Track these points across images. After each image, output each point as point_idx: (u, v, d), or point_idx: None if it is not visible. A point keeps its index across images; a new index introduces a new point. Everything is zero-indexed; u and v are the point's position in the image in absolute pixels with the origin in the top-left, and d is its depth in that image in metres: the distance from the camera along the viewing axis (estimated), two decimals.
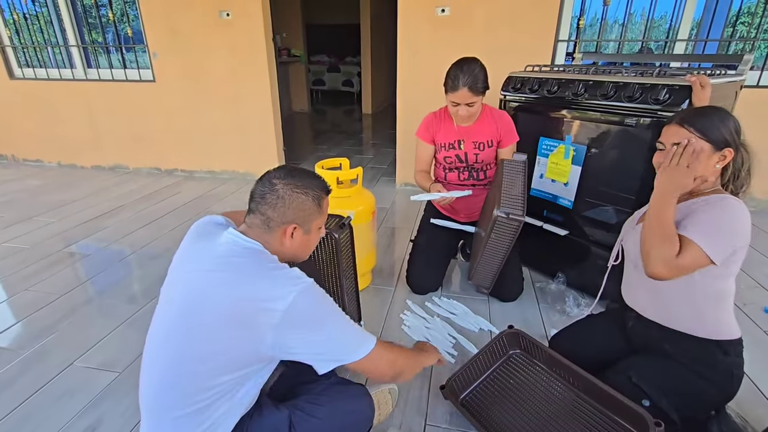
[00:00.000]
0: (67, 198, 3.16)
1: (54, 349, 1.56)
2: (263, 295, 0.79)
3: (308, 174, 0.93)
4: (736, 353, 1.05)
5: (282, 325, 0.79)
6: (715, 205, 0.97)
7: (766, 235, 2.41)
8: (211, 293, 0.82)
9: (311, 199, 0.90)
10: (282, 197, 0.87)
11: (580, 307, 1.73)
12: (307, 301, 0.82)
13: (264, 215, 0.88)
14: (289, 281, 0.82)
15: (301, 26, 6.80)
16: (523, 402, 1.21)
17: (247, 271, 0.83)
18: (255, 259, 0.85)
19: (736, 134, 0.99)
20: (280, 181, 0.88)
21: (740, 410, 1.18)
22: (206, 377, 0.81)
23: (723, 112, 0.99)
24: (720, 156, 0.99)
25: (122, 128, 3.72)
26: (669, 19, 2.92)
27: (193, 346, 0.82)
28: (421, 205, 2.08)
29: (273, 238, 0.90)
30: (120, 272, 2.12)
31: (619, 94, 1.54)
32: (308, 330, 0.82)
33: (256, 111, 3.39)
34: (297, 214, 0.89)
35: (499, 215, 1.37)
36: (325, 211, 0.96)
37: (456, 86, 1.56)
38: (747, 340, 1.59)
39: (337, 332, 0.86)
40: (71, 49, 3.68)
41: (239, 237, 0.88)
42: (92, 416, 1.26)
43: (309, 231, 0.94)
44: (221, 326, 0.80)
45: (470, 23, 2.80)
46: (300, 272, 0.85)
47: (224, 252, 0.86)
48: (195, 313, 0.82)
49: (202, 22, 3.20)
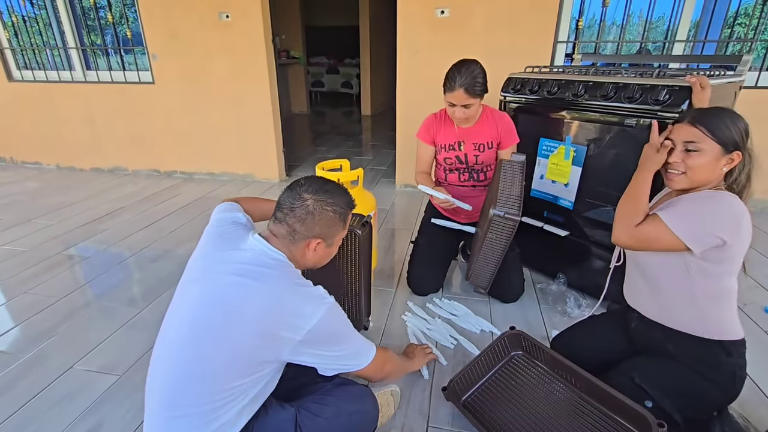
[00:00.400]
0: (66, 200, 3.15)
1: (53, 353, 1.55)
2: (291, 311, 0.83)
3: (337, 189, 0.95)
4: (739, 354, 1.05)
5: (304, 342, 0.83)
6: (702, 195, 0.99)
7: (765, 235, 2.41)
8: (238, 300, 0.83)
9: (338, 216, 0.93)
10: (312, 213, 0.90)
11: (581, 308, 1.73)
12: (331, 322, 0.86)
13: (291, 227, 0.90)
14: (316, 300, 0.85)
15: (300, 28, 6.81)
16: (525, 403, 1.21)
17: (276, 284, 0.85)
18: (283, 272, 0.88)
19: (745, 136, 0.98)
20: (311, 197, 0.90)
21: (742, 411, 1.18)
22: (224, 380, 0.82)
23: (733, 114, 0.99)
24: (728, 159, 0.98)
25: (121, 130, 3.72)
26: (667, 20, 2.93)
27: (213, 349, 0.82)
28: (422, 206, 2.08)
29: (296, 249, 0.92)
30: (120, 275, 2.11)
31: (618, 94, 1.55)
32: (326, 347, 0.87)
33: (255, 113, 3.39)
34: (323, 230, 0.92)
35: (496, 214, 1.38)
36: (347, 225, 1.00)
37: (452, 87, 1.56)
38: (748, 340, 1.59)
39: (349, 347, 0.92)
40: (70, 51, 3.68)
41: (266, 246, 0.90)
42: (92, 420, 1.26)
43: (332, 244, 0.97)
44: (245, 334, 0.82)
45: (470, 24, 2.80)
46: (323, 291, 0.89)
47: (251, 259, 0.87)
48: (218, 316, 0.83)
49: (201, 24, 3.20)
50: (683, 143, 1.00)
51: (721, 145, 0.97)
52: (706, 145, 0.97)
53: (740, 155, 0.98)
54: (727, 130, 0.96)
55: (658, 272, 1.07)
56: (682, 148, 1.01)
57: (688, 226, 0.94)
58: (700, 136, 0.98)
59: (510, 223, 1.39)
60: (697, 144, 0.98)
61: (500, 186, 1.44)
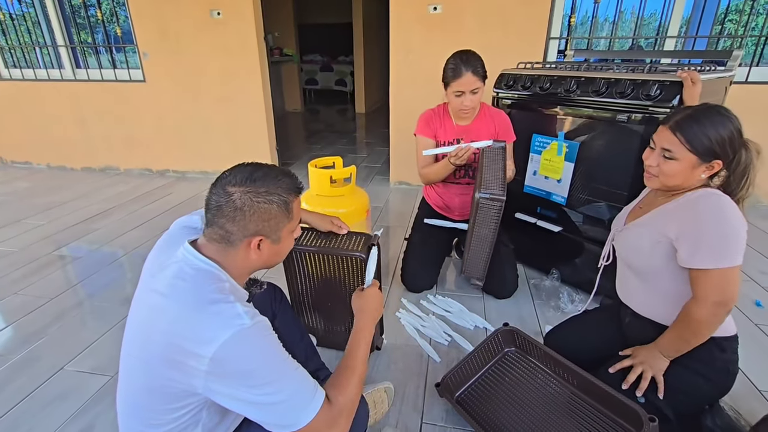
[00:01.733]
0: (56, 200, 3.12)
1: (44, 354, 1.53)
2: (193, 335, 0.67)
3: (271, 174, 0.79)
4: (732, 350, 1.05)
5: (211, 374, 0.67)
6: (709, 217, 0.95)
7: (756, 229, 2.44)
8: (151, 323, 0.73)
9: (277, 206, 0.77)
10: (240, 209, 0.74)
11: (574, 303, 1.74)
12: (241, 350, 0.67)
13: (222, 229, 0.76)
14: (223, 321, 0.68)
15: (293, 25, 6.78)
16: (519, 399, 1.21)
17: (182, 300, 0.71)
18: (197, 286, 0.73)
19: (729, 143, 0.95)
20: (237, 189, 0.75)
21: (733, 403, 1.19)
22: (155, 412, 0.75)
23: (719, 117, 0.95)
24: (707, 167, 0.97)
25: (112, 129, 3.68)
26: (659, 16, 2.94)
27: (135, 377, 0.77)
28: (416, 203, 2.08)
29: (236, 253, 0.78)
30: (112, 274, 2.09)
31: (610, 90, 1.55)
32: (240, 385, 0.68)
33: (248, 111, 3.37)
34: (261, 225, 0.77)
35: (481, 197, 1.36)
36: (296, 214, 0.84)
37: (459, 72, 1.55)
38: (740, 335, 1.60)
39: (275, 390, 0.69)
40: (59, 50, 3.63)
41: (193, 255, 0.76)
42: (83, 421, 1.24)
43: (278, 240, 0.82)
44: (154, 362, 0.71)
45: (462, 21, 2.80)
46: (244, 310, 0.70)
47: (175, 272, 0.74)
48: (137, 341, 0.76)
49: (192, 22, 3.17)
50: (661, 148, 1.01)
51: (698, 155, 0.96)
52: (681, 154, 0.97)
53: (720, 164, 0.97)
54: (706, 139, 0.94)
55: (649, 271, 1.07)
56: (660, 152, 1.01)
57: (727, 255, 0.93)
58: (677, 144, 0.97)
59: (496, 204, 1.36)
60: (672, 153, 0.98)
61: (483, 171, 1.44)
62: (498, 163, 1.48)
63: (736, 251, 0.92)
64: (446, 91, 1.65)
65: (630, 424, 1.02)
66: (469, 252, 1.54)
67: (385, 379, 1.31)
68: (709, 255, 0.93)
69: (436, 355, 1.48)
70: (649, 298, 1.11)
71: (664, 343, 1.04)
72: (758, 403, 1.27)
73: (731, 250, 0.92)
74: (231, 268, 0.79)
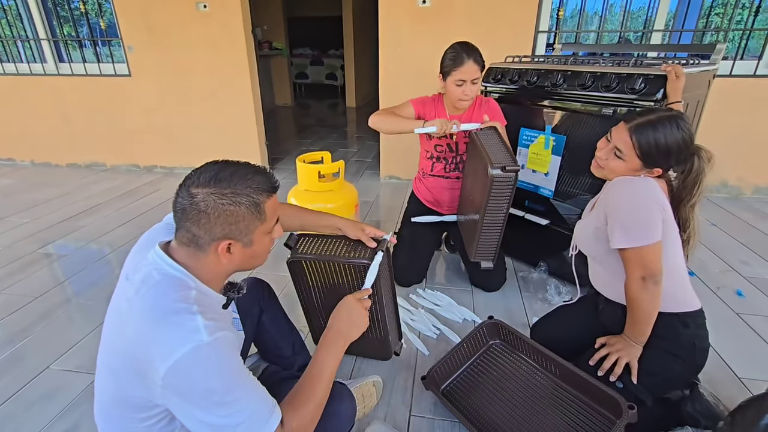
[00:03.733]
0: (41, 197, 3.06)
1: (29, 353, 1.51)
2: (149, 347, 0.65)
3: (239, 173, 0.73)
4: (696, 325, 1.08)
5: (167, 388, 0.65)
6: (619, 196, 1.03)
7: (738, 220, 2.48)
8: (117, 330, 0.72)
9: (244, 208, 0.72)
10: (204, 211, 0.70)
11: (561, 295, 1.76)
12: (194, 366, 0.64)
13: (189, 232, 0.72)
14: (180, 336, 0.65)
15: (282, 19, 6.69)
16: (503, 390, 1.23)
17: (144, 310, 0.68)
18: (160, 293, 0.69)
19: (675, 155, 1.01)
20: (200, 190, 0.70)
21: (713, 390, 1.22)
22: (127, 421, 0.74)
23: (674, 130, 1.00)
24: (647, 171, 1.05)
25: (98, 124, 3.62)
26: (646, 10, 2.96)
27: (105, 386, 0.76)
28: (405, 198, 2.08)
29: (206, 258, 0.74)
30: (99, 272, 2.07)
31: (596, 83, 1.56)
32: (191, 404, 0.65)
33: (237, 105, 3.33)
34: (228, 228, 0.72)
35: (494, 173, 1.29)
36: (270, 215, 0.78)
37: (461, 61, 1.54)
38: (721, 323, 1.64)
39: (227, 417, 0.66)
40: (42, 43, 3.55)
41: (162, 259, 0.73)
42: (69, 420, 1.23)
43: (250, 243, 0.76)
44: (120, 371, 0.70)
45: (451, 15, 2.79)
46: (204, 324, 0.66)
47: (142, 277, 0.72)
48: (106, 349, 0.75)
49: (178, 15, 3.11)
50: (615, 145, 1.06)
51: (643, 161, 1.03)
52: (630, 157, 1.04)
53: (660, 171, 1.04)
54: (655, 149, 1.01)
55: (607, 257, 1.12)
56: (612, 148, 1.07)
57: (638, 235, 0.99)
58: (629, 148, 1.03)
59: (510, 175, 1.32)
60: (622, 153, 1.05)
61: (486, 150, 1.39)
62: (495, 140, 1.45)
63: (646, 230, 0.99)
64: (445, 81, 1.62)
65: (610, 412, 1.04)
66: (480, 236, 1.48)
67: (374, 373, 1.32)
68: (624, 236, 1.00)
69: (424, 348, 1.49)
70: (611, 282, 1.15)
71: (628, 330, 1.09)
72: (737, 389, 1.30)
73: (641, 230, 0.99)
74: (202, 273, 0.75)
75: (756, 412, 0.90)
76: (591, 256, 1.19)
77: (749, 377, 1.34)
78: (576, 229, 1.23)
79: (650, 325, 1.04)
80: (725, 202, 2.77)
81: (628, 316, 1.08)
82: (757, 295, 1.79)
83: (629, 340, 1.08)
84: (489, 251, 1.55)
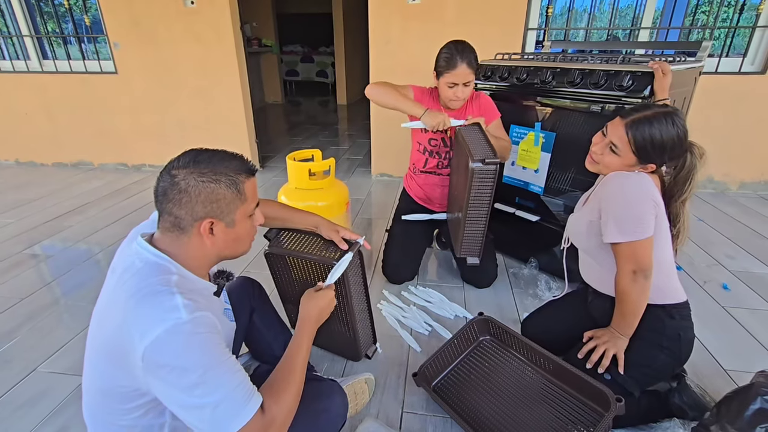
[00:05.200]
0: (26, 197, 3.01)
1: (15, 356, 1.49)
2: (129, 329, 0.66)
3: (218, 156, 0.77)
4: (681, 316, 1.10)
5: (146, 370, 0.65)
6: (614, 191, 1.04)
7: (724, 215, 2.53)
8: (100, 323, 0.73)
9: (225, 186, 0.75)
10: (185, 190, 0.72)
11: (551, 291, 1.78)
12: (172, 344, 0.64)
13: (171, 215, 0.74)
14: (159, 315, 0.65)
15: (272, 15, 6.64)
16: (493, 386, 1.24)
17: (125, 296, 0.69)
18: (141, 279, 0.70)
19: (670, 151, 1.02)
20: (180, 171, 0.73)
21: (699, 382, 1.25)
22: (114, 415, 0.74)
23: (669, 127, 1.01)
24: (642, 167, 1.06)
25: (84, 123, 3.56)
26: (634, 7, 2.99)
27: (90, 380, 0.76)
28: (397, 195, 2.08)
29: (189, 241, 0.76)
30: (87, 272, 2.04)
31: (585, 81, 1.57)
32: (169, 384, 0.65)
33: (226, 103, 3.30)
34: (209, 206, 0.74)
35: (475, 167, 1.31)
36: (250, 197, 0.80)
37: (454, 64, 1.53)
38: (707, 316, 1.67)
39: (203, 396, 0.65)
40: (24, 40, 3.47)
41: (144, 248, 0.74)
42: (57, 423, 1.22)
43: (233, 223, 0.78)
44: (101, 362, 0.72)
45: (441, 12, 2.79)
46: (183, 303, 0.67)
47: (125, 267, 0.74)
48: (90, 342, 0.76)
49: (165, 11, 3.07)
50: (610, 141, 1.07)
51: (638, 157, 1.04)
52: (625, 152, 1.05)
53: (654, 167, 1.05)
54: (650, 145, 1.01)
55: (599, 251, 1.14)
56: (608, 143, 1.07)
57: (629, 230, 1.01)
58: (625, 143, 1.04)
59: (491, 168, 1.32)
60: (618, 149, 1.05)
61: (468, 145, 1.40)
62: (477, 136, 1.46)
63: (639, 226, 1.00)
64: (438, 80, 1.62)
65: (599, 405, 1.06)
66: (464, 232, 1.49)
67: (366, 370, 1.33)
68: (617, 230, 1.02)
69: (416, 345, 1.50)
70: (602, 274, 1.17)
71: (615, 323, 1.11)
72: (723, 380, 1.33)
73: (634, 225, 1.00)
74: (187, 259, 0.76)
75: (741, 403, 0.92)
76: (583, 249, 1.20)
77: (735, 369, 1.37)
78: (569, 223, 1.25)
79: (638, 318, 1.06)
80: (712, 198, 2.82)
81: (616, 308, 1.10)
82: (743, 289, 1.82)
83: (616, 333, 1.10)
84: (474, 246, 1.55)
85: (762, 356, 1.44)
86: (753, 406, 0.89)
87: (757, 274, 1.93)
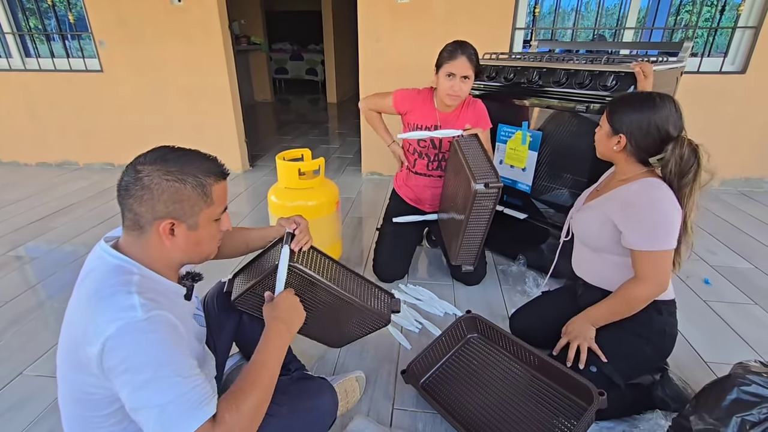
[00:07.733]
0: (9, 198, 2.95)
1: (0, 360, 1.47)
2: (86, 330, 0.64)
3: (190, 156, 0.74)
4: (668, 313, 1.15)
5: (107, 371, 0.64)
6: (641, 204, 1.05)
7: (706, 211, 2.59)
8: (66, 328, 0.72)
9: (190, 187, 0.72)
10: (148, 187, 0.69)
11: (539, 287, 1.81)
12: (125, 342, 0.62)
13: (132, 212, 0.72)
14: (113, 313, 0.64)
15: (260, 13, 6.58)
16: (481, 382, 1.26)
17: (82, 300, 0.68)
18: (99, 281, 0.69)
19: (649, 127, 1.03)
20: (146, 167, 0.70)
21: (681, 374, 1.28)
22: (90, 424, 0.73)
23: (644, 104, 1.04)
24: (616, 139, 1.10)
25: (69, 122, 3.49)
26: (620, 7, 3.03)
27: (63, 389, 0.75)
28: (387, 194, 2.09)
29: (148, 241, 0.73)
30: (73, 274, 2.01)
31: (570, 80, 1.60)
32: (122, 384, 0.63)
33: (214, 101, 3.27)
34: (171, 206, 0.71)
35: (478, 188, 1.31)
36: (218, 200, 0.77)
37: (455, 55, 1.57)
38: (689, 310, 1.71)
39: (151, 397, 0.62)
40: (6, 37, 3.40)
41: (106, 251, 0.73)
42: (44, 428, 1.20)
43: (195, 226, 0.75)
44: (68, 370, 0.70)
45: (430, 11, 2.80)
46: (140, 302, 0.65)
47: (87, 272, 0.74)
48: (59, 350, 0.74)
49: (151, 9, 3.03)
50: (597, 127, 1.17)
51: (610, 125, 1.10)
52: (603, 123, 1.13)
53: (623, 138, 1.08)
54: (624, 115, 1.07)
55: (600, 246, 1.17)
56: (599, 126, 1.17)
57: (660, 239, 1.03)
58: (604, 116, 1.12)
59: (493, 192, 1.34)
60: (600, 124, 1.15)
61: (467, 162, 1.41)
62: (477, 151, 1.47)
63: (668, 236, 1.03)
64: (438, 74, 1.64)
65: (583, 400, 1.08)
66: (461, 243, 1.50)
67: (356, 368, 1.34)
68: (647, 239, 1.04)
69: (407, 342, 1.51)
70: (602, 269, 1.20)
71: (596, 314, 1.15)
72: (704, 373, 1.36)
73: (663, 235, 1.03)
74: (149, 260, 0.74)
75: (718, 393, 0.95)
76: (591, 247, 1.21)
77: (715, 361, 1.41)
78: (575, 220, 1.25)
79: (619, 318, 1.11)
80: None
81: (607, 303, 1.13)
82: (723, 283, 1.87)
83: (587, 323, 1.14)
84: (470, 256, 1.58)
85: (741, 348, 1.48)
86: (730, 396, 0.92)
87: (737, 269, 1.98)
